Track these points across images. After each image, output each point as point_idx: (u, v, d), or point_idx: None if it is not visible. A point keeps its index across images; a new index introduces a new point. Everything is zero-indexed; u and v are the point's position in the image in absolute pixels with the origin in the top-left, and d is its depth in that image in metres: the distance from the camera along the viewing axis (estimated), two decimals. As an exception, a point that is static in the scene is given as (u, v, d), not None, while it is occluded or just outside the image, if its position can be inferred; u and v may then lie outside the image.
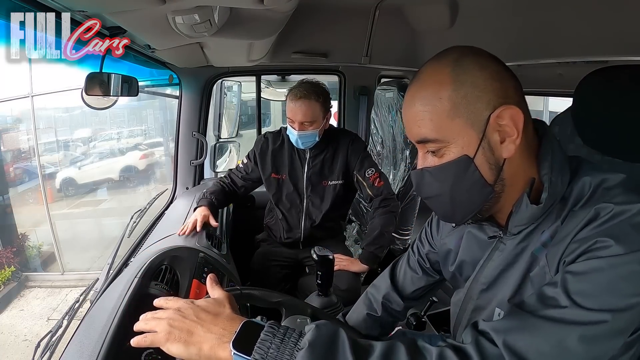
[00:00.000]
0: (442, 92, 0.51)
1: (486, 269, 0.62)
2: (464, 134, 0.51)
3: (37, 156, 6.49)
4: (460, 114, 0.51)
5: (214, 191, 1.50)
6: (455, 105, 0.51)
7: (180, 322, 0.51)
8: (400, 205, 1.80)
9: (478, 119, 0.51)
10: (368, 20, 1.87)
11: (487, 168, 0.52)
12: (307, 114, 1.40)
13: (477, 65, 0.52)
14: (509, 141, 0.51)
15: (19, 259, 5.77)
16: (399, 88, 1.83)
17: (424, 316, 1.26)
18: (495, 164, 0.52)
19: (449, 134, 0.52)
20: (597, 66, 0.67)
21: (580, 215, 0.49)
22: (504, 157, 0.52)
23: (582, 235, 0.47)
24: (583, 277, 0.44)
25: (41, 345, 0.88)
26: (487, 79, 0.51)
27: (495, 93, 0.51)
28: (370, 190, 1.47)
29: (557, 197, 0.52)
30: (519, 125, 0.50)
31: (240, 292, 0.68)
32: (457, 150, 0.52)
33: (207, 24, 0.90)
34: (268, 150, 1.55)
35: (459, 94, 0.51)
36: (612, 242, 0.44)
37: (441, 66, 0.53)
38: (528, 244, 0.55)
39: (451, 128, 0.52)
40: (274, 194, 1.56)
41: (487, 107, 0.51)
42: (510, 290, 0.56)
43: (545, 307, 0.45)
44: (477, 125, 0.51)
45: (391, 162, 1.95)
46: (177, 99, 1.94)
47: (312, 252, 1.00)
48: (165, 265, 0.98)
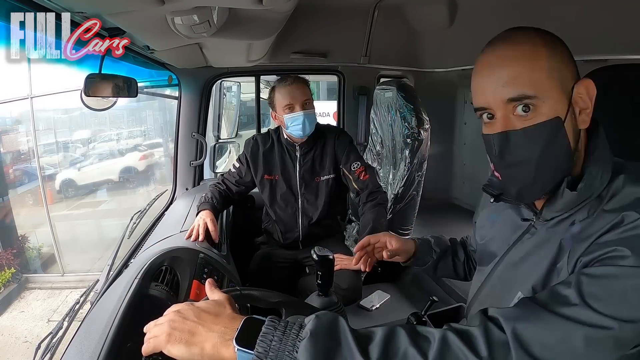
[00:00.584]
0: (539, 53, 0.52)
1: (514, 250, 0.64)
2: (557, 96, 0.52)
3: (36, 157, 6.49)
4: (555, 77, 0.52)
5: (213, 195, 1.50)
6: (552, 67, 0.52)
7: (180, 323, 0.51)
8: (400, 205, 1.80)
9: (566, 86, 0.53)
10: (367, 20, 1.87)
11: (571, 135, 0.53)
12: (305, 92, 1.43)
13: (560, 41, 0.55)
14: (584, 113, 0.53)
15: (19, 260, 5.77)
16: (398, 88, 1.83)
17: (424, 316, 1.26)
18: (577, 133, 0.54)
19: (545, 92, 0.51)
20: (596, 65, 0.67)
21: (608, 218, 0.49)
22: (580, 127, 0.54)
23: (604, 239, 0.48)
24: (597, 280, 0.45)
25: (41, 346, 0.88)
26: (570, 54, 0.55)
27: (574, 68, 0.54)
28: (356, 184, 1.47)
29: (594, 192, 0.53)
30: (592, 99, 0.53)
31: (240, 292, 0.68)
32: (550, 112, 0.52)
33: (206, 24, 0.90)
34: (259, 152, 1.55)
35: (555, 58, 0.52)
36: (629, 252, 0.44)
37: (529, 33, 0.54)
38: (558, 232, 0.56)
39: (548, 88, 0.52)
40: (268, 196, 1.56)
41: (572, 77, 0.54)
42: (537, 277, 0.56)
43: (557, 303, 0.46)
44: (566, 91, 0.53)
45: (391, 162, 1.95)
46: (176, 100, 1.94)
47: (312, 252, 0.99)
48: (165, 266, 0.98)
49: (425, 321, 1.25)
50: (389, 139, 1.94)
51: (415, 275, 1.81)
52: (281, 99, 1.43)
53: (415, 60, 2.15)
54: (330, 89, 5.60)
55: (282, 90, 1.43)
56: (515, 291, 0.59)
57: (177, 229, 1.34)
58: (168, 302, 0.87)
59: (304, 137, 1.48)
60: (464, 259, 0.92)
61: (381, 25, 1.89)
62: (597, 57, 1.18)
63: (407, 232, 1.87)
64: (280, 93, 1.43)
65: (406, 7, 1.85)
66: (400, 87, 1.83)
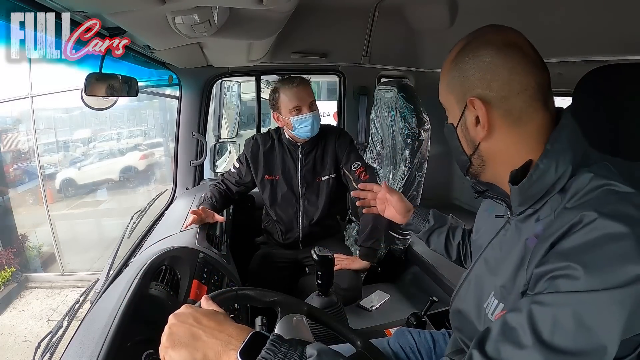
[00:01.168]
0: (445, 68, 0.61)
1: (490, 247, 0.66)
2: (453, 107, 0.61)
3: (37, 157, 6.49)
4: (451, 91, 0.60)
5: (213, 194, 1.50)
6: (449, 83, 0.60)
7: (180, 326, 0.50)
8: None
9: (461, 100, 0.59)
10: (368, 20, 1.87)
11: (464, 141, 0.61)
12: (310, 93, 1.45)
13: (472, 53, 0.56)
14: (480, 126, 0.57)
15: (19, 259, 5.76)
16: (398, 88, 1.83)
17: (424, 316, 1.27)
18: (472, 141, 0.59)
19: (446, 104, 0.63)
20: (596, 65, 0.67)
21: (567, 217, 0.47)
22: (478, 139, 0.58)
23: (559, 249, 0.46)
24: (549, 310, 0.42)
25: (41, 346, 0.88)
26: (472, 69, 0.56)
27: (479, 82, 0.55)
28: (356, 183, 1.46)
29: (551, 186, 0.52)
30: (484, 118, 0.55)
31: (235, 293, 0.68)
32: (451, 118, 0.63)
33: (207, 24, 0.90)
34: (259, 152, 1.54)
35: (451, 74, 0.59)
36: (582, 272, 0.41)
37: (456, 47, 0.60)
38: (524, 230, 0.56)
39: (447, 100, 0.62)
40: (269, 196, 1.55)
41: (469, 91, 0.57)
42: (506, 277, 0.56)
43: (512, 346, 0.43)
44: (461, 104, 0.59)
45: (391, 162, 1.95)
46: (176, 100, 1.94)
47: (312, 252, 1.00)
48: (165, 265, 0.98)
49: (425, 321, 1.26)
50: (389, 139, 1.94)
51: (415, 275, 1.81)
52: (287, 101, 1.41)
53: (416, 60, 2.14)
54: (331, 89, 5.61)
55: (288, 93, 1.42)
56: (490, 290, 0.59)
57: (177, 229, 1.34)
58: (168, 302, 0.87)
59: (311, 137, 1.48)
60: (459, 242, 0.93)
61: (382, 26, 1.89)
62: (597, 57, 1.18)
63: (407, 232, 1.87)
64: (286, 95, 1.42)
65: (407, 8, 1.85)
66: (401, 87, 1.83)
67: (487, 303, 0.59)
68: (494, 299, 0.58)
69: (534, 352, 0.41)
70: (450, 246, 0.95)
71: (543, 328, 0.42)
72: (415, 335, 0.93)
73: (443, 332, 0.94)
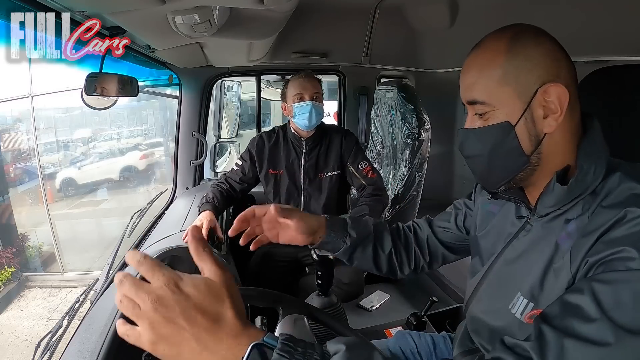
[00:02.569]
0: (496, 59, 0.54)
1: (510, 247, 0.63)
2: (510, 102, 0.54)
3: (37, 156, 6.49)
4: (509, 83, 0.54)
5: (214, 195, 1.50)
6: (506, 74, 0.54)
7: (164, 326, 0.37)
8: (400, 205, 1.80)
9: (526, 90, 0.53)
10: (368, 20, 1.87)
11: (526, 138, 0.55)
12: (316, 85, 1.49)
13: (534, 40, 0.54)
14: (552, 118, 0.53)
15: (19, 259, 5.77)
16: (399, 88, 1.83)
17: (424, 316, 1.27)
18: (536, 136, 0.55)
19: (496, 99, 0.55)
20: (597, 66, 0.67)
21: (609, 214, 0.48)
22: (544, 132, 0.54)
23: (610, 237, 0.47)
24: (610, 287, 0.43)
25: (41, 345, 0.88)
26: (541, 55, 0.53)
27: (547, 70, 0.53)
28: (363, 180, 1.51)
29: (587, 187, 0.53)
30: (564, 105, 0.52)
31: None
32: (501, 116, 0.55)
33: (207, 24, 0.90)
34: (265, 148, 1.57)
35: (512, 64, 0.54)
36: (637, 254, 0.43)
37: (500, 37, 0.55)
38: (552, 230, 0.56)
39: (499, 94, 0.55)
40: (272, 190, 1.58)
41: (537, 81, 0.53)
42: (534, 277, 0.55)
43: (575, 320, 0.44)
44: (524, 96, 0.54)
45: (391, 162, 1.95)
46: (177, 99, 1.94)
47: (312, 252, 0.99)
48: (165, 265, 0.98)
49: (425, 321, 1.26)
50: (390, 139, 1.94)
51: (415, 275, 1.81)
52: (292, 89, 1.48)
53: (416, 60, 2.14)
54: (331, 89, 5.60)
55: (294, 82, 1.49)
56: (515, 291, 0.58)
57: (177, 229, 1.34)
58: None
59: (310, 128, 1.50)
60: (390, 250, 0.82)
61: (382, 26, 1.89)
62: (597, 58, 1.18)
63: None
64: (292, 84, 1.50)
65: (407, 8, 1.85)
66: (401, 88, 1.83)
67: (512, 304, 0.58)
68: (522, 299, 0.56)
69: (602, 325, 0.42)
70: (379, 259, 0.82)
71: (606, 303, 0.43)
72: (416, 337, 0.93)
73: (443, 334, 0.94)
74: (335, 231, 0.77)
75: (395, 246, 0.83)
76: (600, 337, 0.42)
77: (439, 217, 0.87)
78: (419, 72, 2.22)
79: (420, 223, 0.88)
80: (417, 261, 0.85)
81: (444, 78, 2.20)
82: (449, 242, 0.84)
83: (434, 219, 0.88)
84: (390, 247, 0.82)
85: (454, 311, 1.36)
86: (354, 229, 0.78)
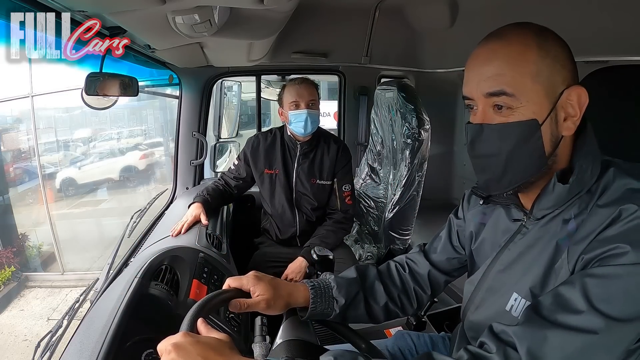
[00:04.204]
0: (528, 54, 0.52)
1: (506, 252, 0.62)
2: (538, 100, 0.52)
3: (37, 156, 6.49)
4: (541, 81, 0.52)
5: (209, 190, 1.54)
6: (539, 71, 0.52)
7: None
8: (400, 205, 1.80)
9: (554, 90, 0.52)
10: (368, 20, 1.87)
11: (548, 139, 0.53)
12: (312, 93, 1.49)
13: (560, 41, 0.54)
14: (571, 120, 0.53)
15: (19, 259, 5.77)
16: (399, 88, 1.83)
17: (424, 316, 1.26)
18: (556, 137, 0.54)
19: (526, 95, 0.52)
20: (597, 66, 0.67)
21: (605, 213, 0.49)
22: (563, 134, 0.54)
23: (604, 236, 0.48)
24: (601, 281, 0.45)
25: (41, 345, 0.88)
26: (567, 57, 0.53)
27: (571, 73, 0.53)
28: (340, 202, 1.59)
29: (585, 186, 0.53)
30: (583, 107, 0.52)
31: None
32: (527, 113, 0.52)
33: (207, 24, 0.90)
34: (260, 148, 1.59)
35: (544, 61, 0.52)
36: (629, 247, 0.44)
37: (526, 31, 0.54)
38: (550, 231, 0.56)
39: (530, 90, 0.52)
40: (268, 188, 1.60)
41: (563, 82, 0.53)
42: (534, 279, 0.56)
43: (564, 311, 0.46)
44: (552, 96, 0.52)
45: (391, 162, 1.95)
46: (177, 99, 1.94)
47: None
48: (165, 265, 0.98)
49: (425, 321, 1.26)
50: (390, 139, 1.94)
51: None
52: (289, 96, 1.49)
53: (416, 60, 2.14)
54: (331, 89, 5.60)
55: (291, 89, 1.50)
56: (511, 292, 0.59)
57: (177, 229, 1.34)
58: (168, 301, 0.87)
59: (306, 135, 1.52)
60: (385, 301, 0.77)
61: (382, 26, 1.89)
62: (598, 58, 1.18)
63: (407, 233, 1.87)
64: (288, 91, 1.50)
65: (407, 8, 1.85)
66: (401, 88, 1.83)
67: (510, 305, 0.58)
68: (520, 299, 0.57)
69: (590, 315, 0.44)
70: (374, 312, 0.77)
71: (596, 297, 0.45)
72: (415, 338, 0.93)
73: (442, 335, 0.94)
74: (321, 299, 0.72)
75: (391, 295, 0.78)
76: (587, 325, 0.44)
77: (434, 245, 0.83)
78: (419, 72, 2.22)
79: (415, 258, 0.83)
80: (420, 298, 0.81)
81: (444, 78, 2.20)
82: (451, 269, 0.81)
83: (428, 248, 0.83)
84: (385, 299, 0.77)
85: (454, 311, 1.36)
86: (341, 293, 0.73)
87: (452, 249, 0.80)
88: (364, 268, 0.81)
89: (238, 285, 0.68)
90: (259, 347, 0.63)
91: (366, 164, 2.17)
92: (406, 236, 1.86)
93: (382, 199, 2.00)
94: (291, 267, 1.49)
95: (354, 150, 2.23)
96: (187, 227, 1.33)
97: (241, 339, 0.90)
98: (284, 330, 0.69)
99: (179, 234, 1.29)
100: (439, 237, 0.83)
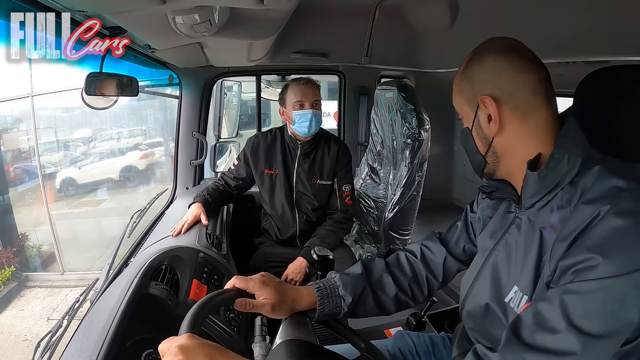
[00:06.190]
0: (456, 82, 0.67)
1: (502, 242, 0.66)
2: (465, 110, 0.66)
3: (37, 156, 6.49)
4: (463, 97, 0.65)
5: (209, 190, 1.54)
6: (461, 91, 0.66)
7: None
8: (401, 205, 1.80)
9: (473, 101, 0.63)
10: (368, 20, 1.87)
11: (479, 140, 0.65)
12: (316, 93, 1.49)
13: (477, 61, 0.63)
14: (492, 123, 0.61)
15: (19, 259, 5.78)
16: (399, 88, 1.83)
17: (424, 316, 1.26)
18: (486, 139, 0.64)
19: (459, 108, 0.67)
20: (597, 66, 0.67)
21: (586, 212, 0.50)
22: (491, 135, 0.63)
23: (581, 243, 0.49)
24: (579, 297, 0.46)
25: (41, 345, 0.88)
26: (481, 72, 0.62)
27: (487, 83, 0.61)
28: (340, 202, 1.59)
29: (564, 176, 0.56)
30: (495, 111, 0.60)
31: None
32: (465, 122, 0.67)
33: (207, 24, 0.90)
34: (260, 148, 1.59)
35: (462, 82, 0.65)
36: (601, 259, 0.46)
37: (463, 62, 0.66)
38: (539, 221, 0.59)
39: (459, 104, 0.67)
40: (268, 188, 1.59)
41: (479, 92, 0.62)
42: (528, 272, 0.58)
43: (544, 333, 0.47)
44: (472, 105, 0.64)
45: (391, 162, 1.95)
46: (177, 99, 1.94)
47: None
48: (165, 265, 0.98)
49: (425, 322, 1.26)
50: (390, 139, 1.94)
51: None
52: (292, 96, 1.49)
53: (416, 60, 2.14)
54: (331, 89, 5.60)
55: (295, 88, 1.49)
56: (511, 285, 0.61)
57: (177, 228, 1.34)
58: (168, 301, 0.87)
59: (309, 135, 1.52)
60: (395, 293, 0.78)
61: (382, 26, 1.89)
62: (597, 58, 1.18)
63: (407, 233, 1.87)
64: (292, 90, 1.50)
65: (407, 8, 1.85)
66: (401, 88, 1.83)
67: (510, 297, 0.60)
68: (519, 292, 0.59)
69: (568, 335, 0.45)
70: (384, 304, 0.78)
71: (574, 314, 0.46)
72: (415, 338, 0.93)
73: (442, 335, 0.94)
74: (328, 300, 0.73)
75: (400, 285, 0.79)
76: (566, 347, 0.45)
77: (450, 233, 0.85)
78: (419, 72, 2.22)
79: (431, 246, 0.84)
80: (431, 286, 0.82)
81: (444, 78, 2.20)
82: (465, 258, 0.82)
83: (445, 236, 0.85)
84: (394, 290, 0.78)
85: (454, 311, 1.36)
86: (347, 290, 0.74)
87: (467, 238, 0.83)
88: (370, 262, 0.82)
89: (243, 287, 0.68)
90: (259, 347, 0.63)
91: (366, 164, 2.17)
92: (406, 236, 1.87)
93: (382, 199, 2.00)
94: (291, 267, 1.48)
95: (354, 151, 2.23)
96: (187, 227, 1.32)
97: (241, 339, 0.90)
98: (283, 330, 0.69)
99: (179, 234, 1.29)
100: (455, 226, 0.86)
